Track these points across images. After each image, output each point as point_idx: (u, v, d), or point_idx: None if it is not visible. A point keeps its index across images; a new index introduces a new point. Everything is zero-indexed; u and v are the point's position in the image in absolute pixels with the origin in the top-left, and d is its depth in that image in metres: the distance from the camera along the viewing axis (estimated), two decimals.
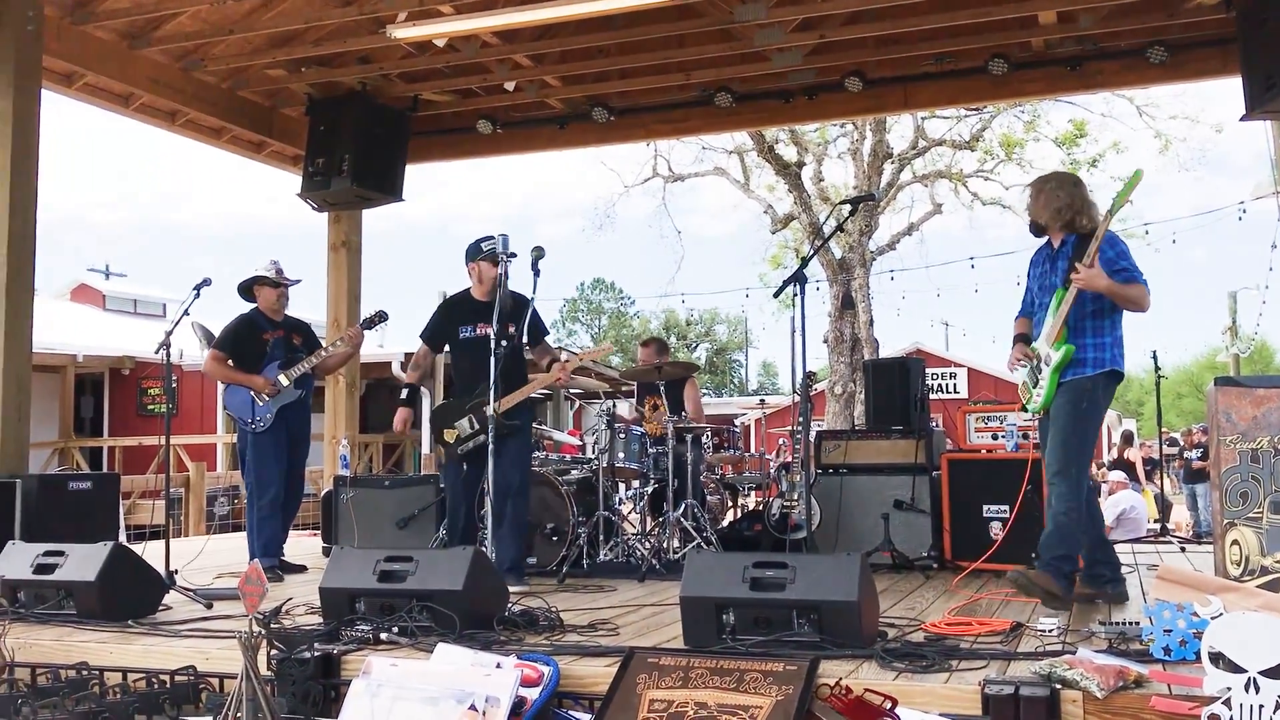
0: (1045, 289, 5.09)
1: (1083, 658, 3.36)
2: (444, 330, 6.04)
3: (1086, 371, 4.88)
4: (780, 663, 3.43)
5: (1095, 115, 20.69)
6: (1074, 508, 4.82)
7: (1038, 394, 4.98)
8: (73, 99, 8.40)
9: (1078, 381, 4.89)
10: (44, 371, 16.98)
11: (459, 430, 5.92)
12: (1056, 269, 5.02)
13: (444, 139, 10.02)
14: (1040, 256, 5.21)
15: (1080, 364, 4.89)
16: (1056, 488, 4.85)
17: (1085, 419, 4.89)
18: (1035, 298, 5.18)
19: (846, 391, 19.08)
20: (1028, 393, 5.08)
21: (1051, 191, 5.08)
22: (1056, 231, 5.08)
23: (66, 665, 4.12)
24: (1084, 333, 4.90)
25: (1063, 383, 4.90)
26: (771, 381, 62.06)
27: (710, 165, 21.83)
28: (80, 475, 8.79)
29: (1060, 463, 4.84)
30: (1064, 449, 4.85)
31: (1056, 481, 4.85)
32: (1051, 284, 5.04)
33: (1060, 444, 4.86)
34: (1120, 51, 8.18)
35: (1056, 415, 4.91)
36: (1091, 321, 4.91)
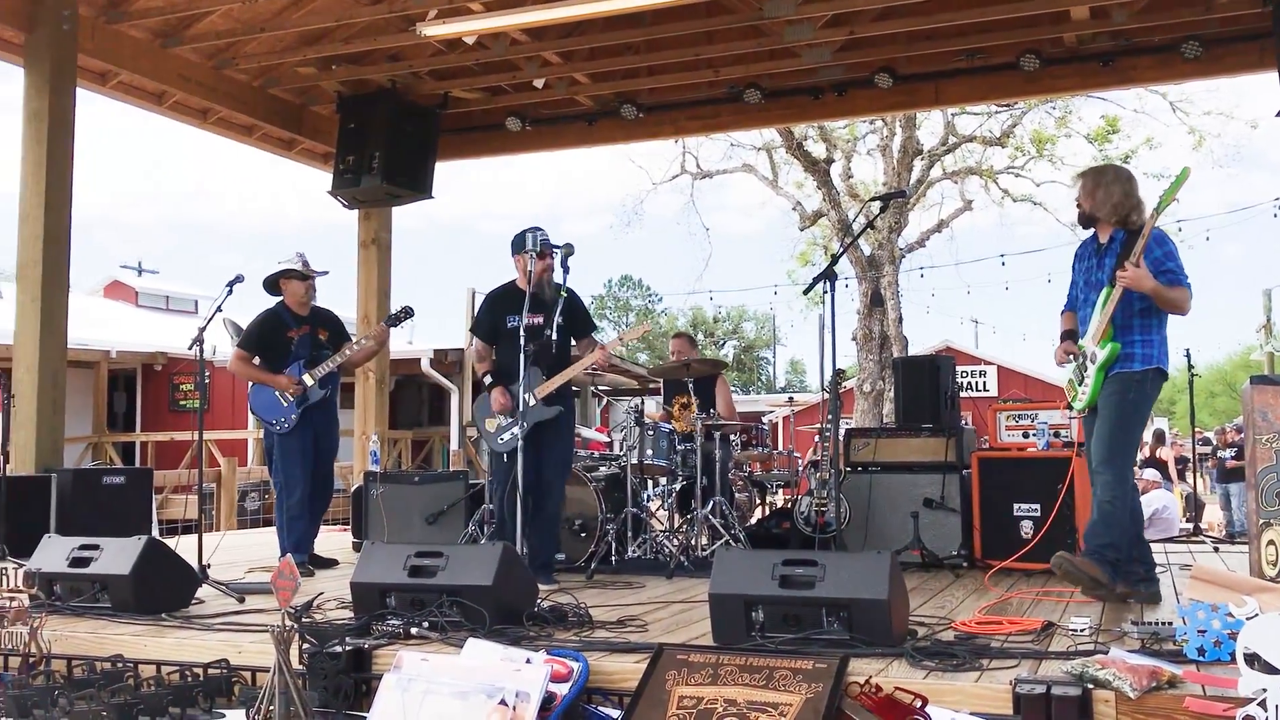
0: (1091, 285, 5.05)
1: (1115, 657, 3.33)
2: (492, 322, 6.01)
3: (1134, 367, 4.85)
4: (810, 660, 3.42)
5: (1128, 111, 20.50)
6: (1119, 496, 4.82)
7: (1083, 392, 4.94)
8: (106, 97, 8.50)
9: (1125, 375, 4.86)
10: (78, 367, 17.15)
11: (498, 421, 5.90)
12: (1104, 265, 4.97)
13: (473, 136, 10.07)
14: (1086, 250, 5.15)
15: (1128, 359, 4.85)
16: (1102, 476, 4.83)
17: (1132, 411, 4.86)
18: (1081, 293, 5.14)
19: (875, 389, 19.00)
20: (1073, 390, 5.05)
21: (1109, 185, 5.01)
22: (1107, 226, 5.02)
23: (102, 657, 4.17)
24: (1132, 330, 4.86)
25: (1110, 377, 4.87)
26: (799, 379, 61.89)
27: (739, 162, 21.79)
28: (114, 470, 8.90)
29: (1106, 452, 4.82)
30: (1110, 440, 4.82)
31: (1102, 470, 4.83)
32: (1098, 280, 4.99)
33: (1107, 434, 4.83)
34: (1154, 47, 8.12)
35: (1104, 406, 4.88)
36: (1140, 319, 4.86)
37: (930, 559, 6.32)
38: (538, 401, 5.76)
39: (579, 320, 5.97)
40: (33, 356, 7.14)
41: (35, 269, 7.18)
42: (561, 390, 5.86)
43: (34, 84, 7.31)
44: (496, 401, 5.85)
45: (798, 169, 20.89)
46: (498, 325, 5.95)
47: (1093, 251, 5.10)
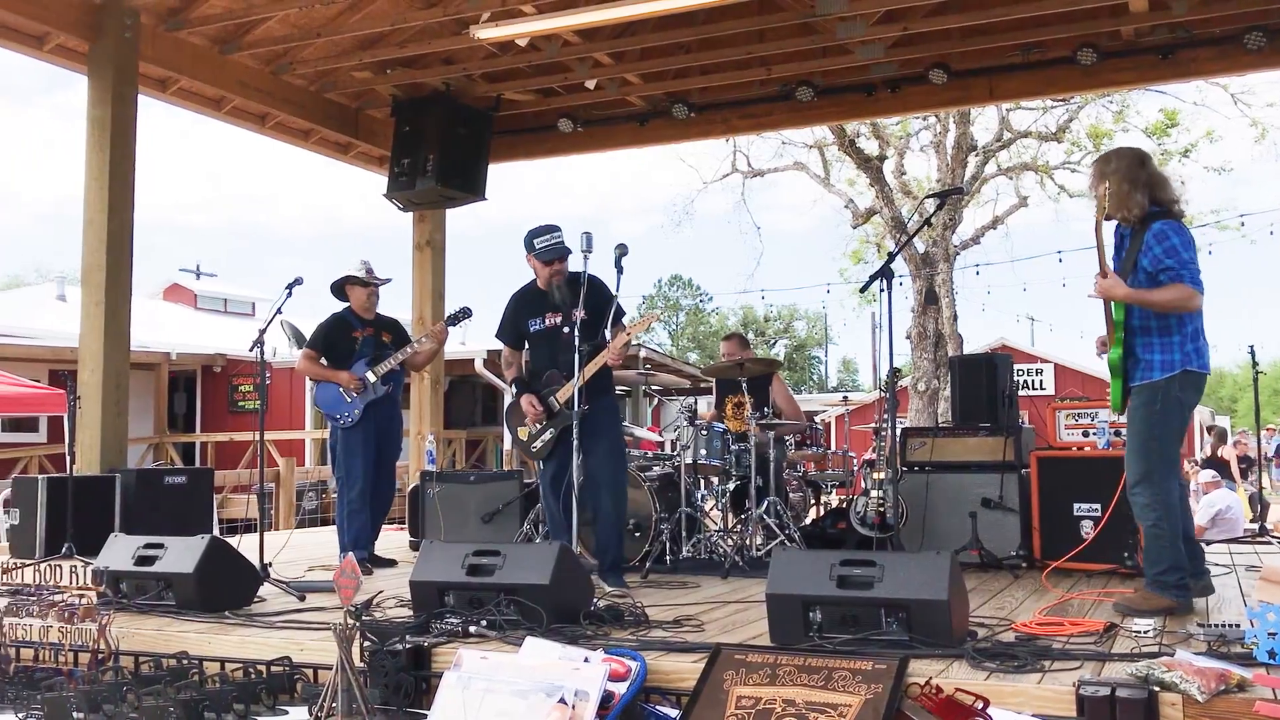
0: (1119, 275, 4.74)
1: (1182, 660, 3.28)
2: (515, 326, 6.00)
3: (1155, 376, 4.57)
4: (869, 661, 3.40)
5: (1187, 104, 20.13)
6: (1162, 516, 4.57)
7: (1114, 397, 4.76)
8: (167, 103, 8.65)
9: (1147, 386, 4.60)
10: (139, 369, 17.47)
11: (530, 429, 5.90)
12: (1118, 259, 4.70)
13: (526, 138, 10.12)
14: (1116, 235, 4.82)
15: (1148, 367, 4.59)
16: (1139, 498, 4.58)
17: (1160, 421, 4.59)
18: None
19: (930, 388, 18.83)
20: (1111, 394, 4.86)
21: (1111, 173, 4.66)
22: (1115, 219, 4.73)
23: (167, 654, 4.25)
24: (1150, 333, 4.60)
25: (1131, 387, 4.64)
26: (851, 378, 61.53)
27: (790, 160, 21.67)
28: (176, 470, 9.06)
29: (1140, 471, 4.58)
30: (1142, 456, 4.58)
31: (1139, 491, 4.58)
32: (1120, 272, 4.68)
33: (1137, 451, 4.60)
34: (1215, 38, 7.97)
35: (1131, 420, 4.65)
36: (1157, 321, 4.58)
37: (988, 559, 6.26)
38: (561, 405, 5.70)
39: (604, 312, 5.74)
40: (97, 359, 7.29)
41: (99, 273, 7.32)
42: (594, 388, 5.68)
43: (97, 91, 7.46)
44: (527, 410, 5.79)
45: (850, 166, 20.75)
46: (521, 329, 5.93)
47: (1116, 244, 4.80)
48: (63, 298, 21.83)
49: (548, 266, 5.76)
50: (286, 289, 5.96)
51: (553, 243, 5.77)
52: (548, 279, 5.77)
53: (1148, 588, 4.61)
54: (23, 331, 17.03)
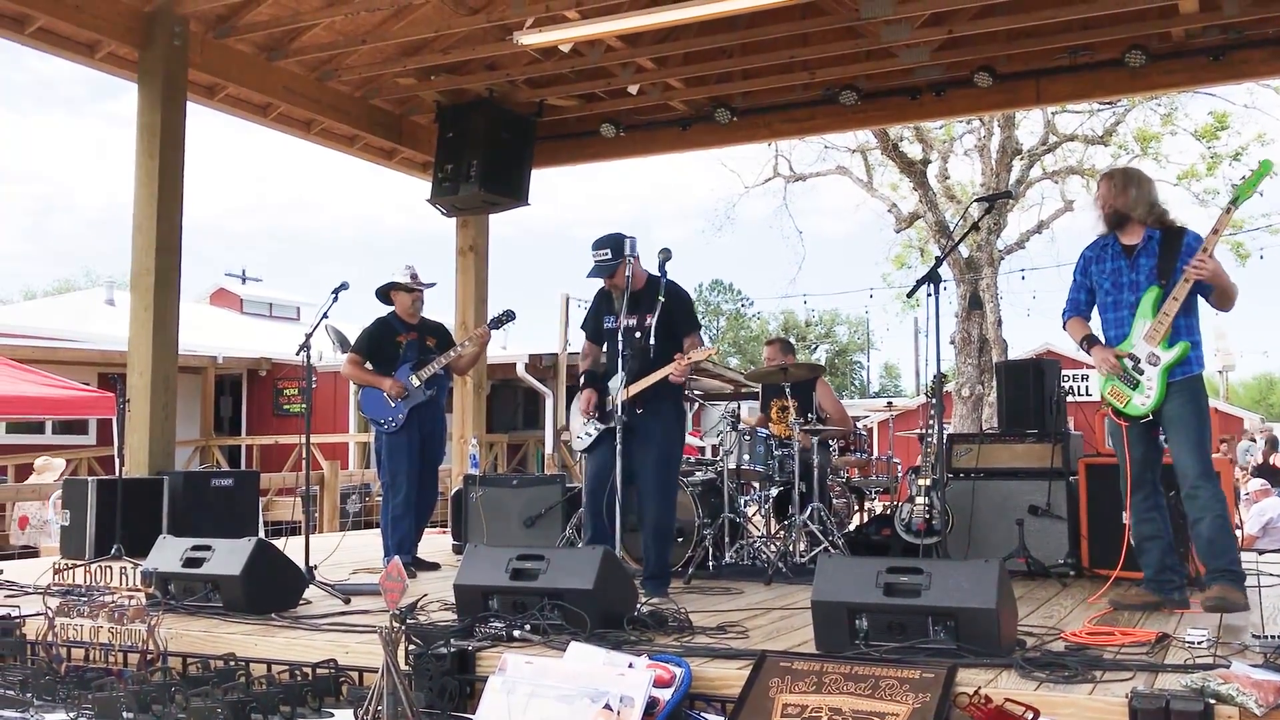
0: (1124, 286, 4.95)
1: (1238, 672, 3.21)
2: (596, 321, 5.91)
3: (1194, 370, 4.84)
4: (917, 669, 3.36)
5: (1237, 106, 19.82)
6: (1226, 506, 4.75)
7: (1143, 397, 4.81)
8: (214, 110, 8.76)
9: (1190, 381, 4.83)
10: (186, 373, 17.68)
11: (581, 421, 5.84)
12: (1138, 266, 4.91)
13: (568, 143, 10.14)
14: (1108, 253, 5.05)
15: (1186, 363, 4.80)
16: (1204, 491, 4.71)
17: (1207, 416, 4.86)
18: (1111, 296, 5.00)
19: (974, 394, 18.66)
20: (1124, 396, 4.88)
21: (1140, 184, 5.00)
22: (1139, 226, 4.96)
23: (215, 656, 4.28)
24: (1180, 332, 4.81)
25: (1173, 383, 4.79)
26: (894, 384, 61.10)
27: (832, 164, 21.56)
28: (222, 473, 9.16)
29: (1201, 466, 4.72)
30: (1201, 451, 4.74)
31: (1203, 484, 4.71)
32: (1133, 281, 4.91)
33: (1194, 447, 4.75)
34: (1267, 39, 7.85)
35: (1180, 418, 4.78)
36: (1185, 320, 4.82)
37: (1036, 567, 6.18)
38: (615, 406, 5.69)
39: (676, 320, 5.70)
40: (146, 362, 7.38)
41: (148, 277, 7.42)
42: (654, 395, 5.65)
43: (147, 98, 7.56)
44: (581, 403, 5.80)
45: (893, 170, 20.62)
46: (599, 325, 5.86)
47: (1117, 253, 5.01)
48: (111, 302, 22.17)
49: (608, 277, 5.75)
50: (332, 294, 6.01)
51: (594, 262, 5.72)
52: (620, 284, 5.72)
53: (1225, 581, 4.64)
54: (73, 335, 17.31)
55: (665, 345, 5.59)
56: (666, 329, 5.63)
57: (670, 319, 5.64)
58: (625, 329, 5.66)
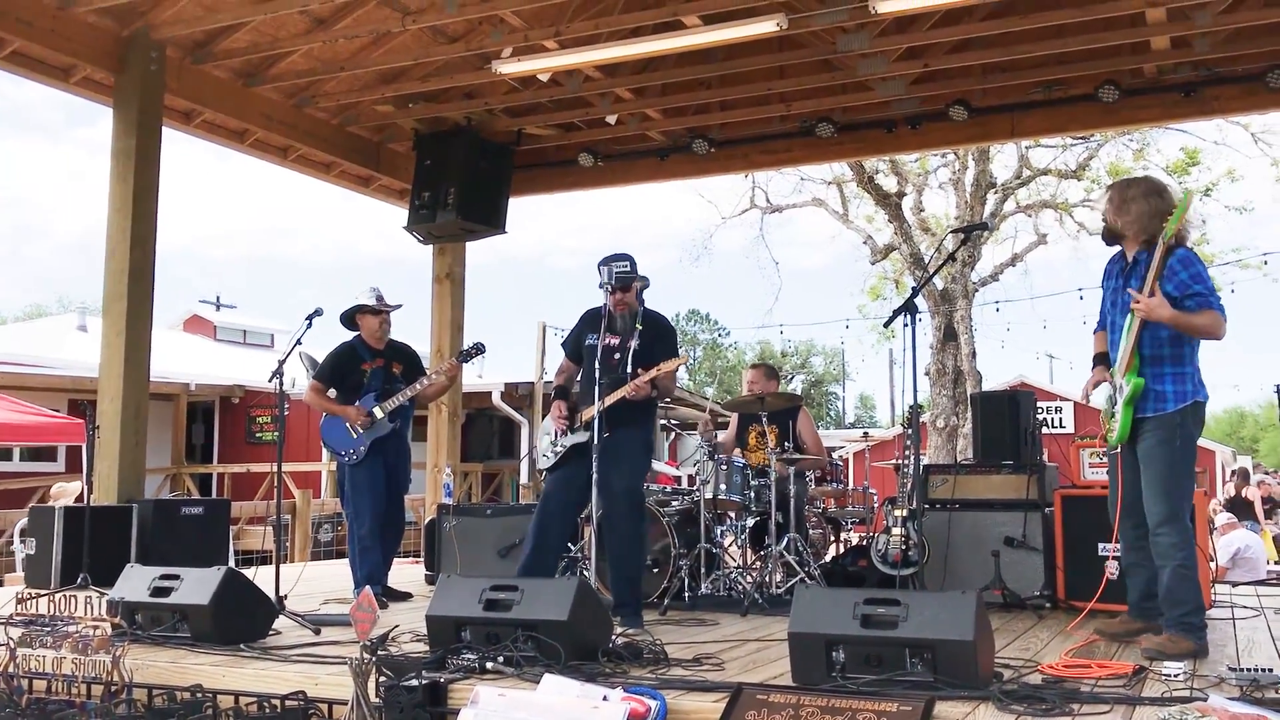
0: (1118, 306, 4.77)
1: (1216, 705, 3.20)
2: (578, 338, 5.90)
3: (1168, 407, 4.56)
4: (894, 702, 3.33)
5: (1208, 143, 20.08)
6: (1189, 555, 4.53)
7: (1113, 428, 4.68)
8: (191, 135, 8.72)
9: (1164, 419, 4.56)
10: (158, 399, 17.51)
11: (550, 437, 5.82)
12: (1130, 285, 4.68)
13: (546, 172, 10.15)
14: (1114, 268, 4.87)
15: (1161, 399, 4.56)
16: (1166, 537, 4.51)
17: (1180, 458, 4.56)
18: (1110, 315, 4.87)
19: (949, 425, 18.72)
20: (1106, 423, 4.78)
21: (1136, 198, 4.72)
22: (1134, 243, 4.74)
23: (182, 687, 4.20)
24: (1162, 362, 4.58)
25: (1143, 419, 4.59)
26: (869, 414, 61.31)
27: (808, 196, 21.69)
28: (192, 501, 9.06)
29: (1165, 511, 4.51)
30: (1167, 494, 4.52)
31: (1166, 531, 4.51)
32: (1124, 302, 4.68)
33: (1162, 490, 4.53)
34: (1237, 76, 7.95)
35: (1149, 458, 4.59)
36: (1170, 349, 4.57)
37: (1012, 599, 6.17)
38: (580, 424, 5.65)
39: (658, 346, 5.75)
40: (116, 389, 7.29)
41: (120, 303, 7.35)
42: (621, 416, 5.59)
43: (122, 123, 7.51)
44: (553, 414, 5.76)
45: (868, 203, 20.75)
46: (580, 343, 5.84)
47: (1120, 270, 4.82)
48: (84, 328, 21.97)
49: (613, 295, 5.76)
50: (306, 320, 5.93)
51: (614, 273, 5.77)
52: (614, 308, 5.76)
53: (1174, 630, 4.52)
54: (43, 361, 17.12)
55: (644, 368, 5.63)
56: (650, 355, 5.66)
57: (653, 346, 5.70)
58: (605, 348, 5.66)
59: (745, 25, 7.19)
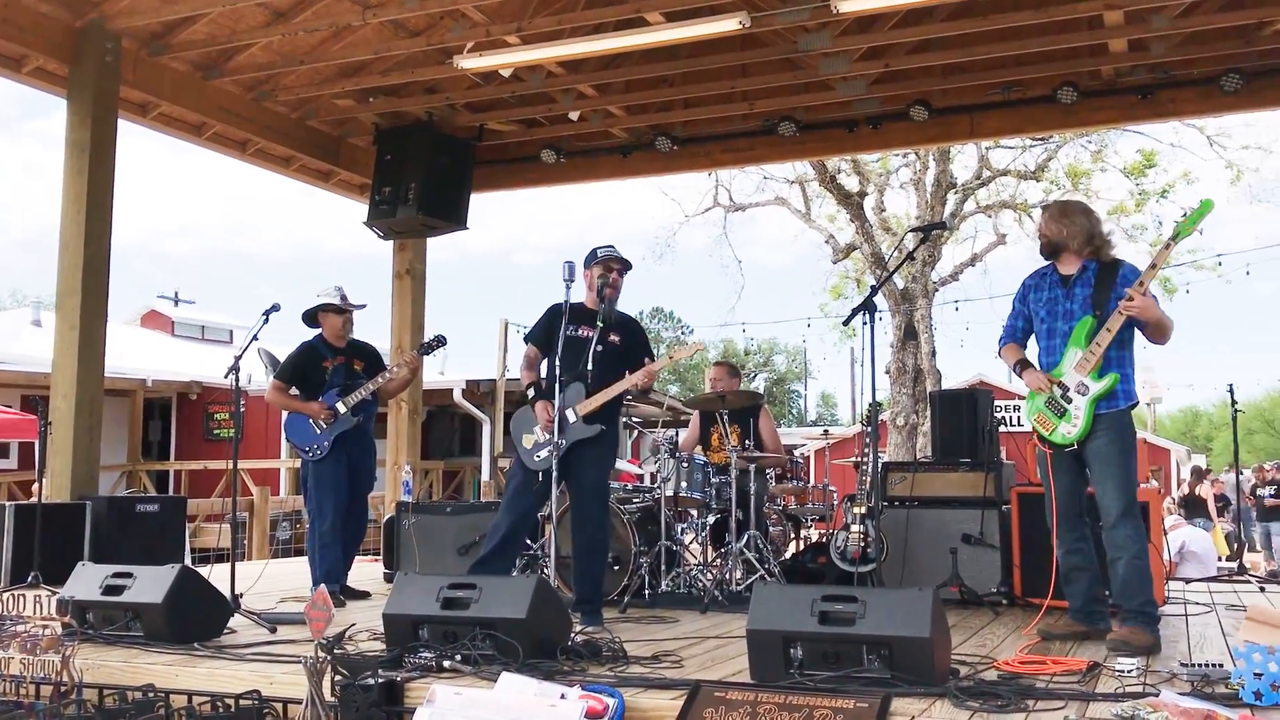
0: (1060, 315, 4.95)
1: (1167, 700, 3.24)
2: (548, 329, 5.77)
3: (1121, 404, 4.79)
4: (851, 699, 3.35)
5: (1164, 145, 20.37)
6: (1143, 547, 4.71)
7: (1069, 426, 4.80)
8: (147, 128, 8.60)
9: (1118, 415, 4.79)
10: (114, 396, 17.30)
11: (536, 437, 5.66)
12: (1074, 296, 4.92)
13: (508, 168, 10.11)
14: (1047, 281, 5.06)
15: (1113, 396, 4.78)
16: (1123, 530, 4.68)
17: (1132, 453, 4.82)
18: (1044, 324, 5.02)
19: (909, 423, 18.85)
20: (1050, 424, 4.87)
21: (1077, 216, 5.02)
22: (1075, 257, 4.97)
23: (133, 687, 4.14)
24: (1110, 365, 4.79)
25: (1100, 415, 4.77)
26: (830, 413, 61.60)
27: (771, 195, 21.79)
28: (148, 498, 8.92)
29: (1124, 503, 4.68)
30: (1125, 489, 4.71)
31: (1123, 524, 4.68)
32: (1068, 310, 4.92)
33: (1120, 484, 4.71)
34: (1193, 79, 8.05)
35: (1106, 454, 4.76)
36: (1117, 352, 4.80)
37: (969, 596, 6.21)
38: (578, 418, 5.61)
39: (637, 343, 5.82)
40: (70, 385, 7.18)
41: (74, 298, 7.24)
42: (605, 412, 5.65)
43: (76, 115, 7.40)
44: (541, 416, 5.58)
45: (830, 202, 20.87)
46: (552, 334, 5.72)
47: (1055, 283, 5.02)
48: (38, 323, 21.65)
49: (608, 273, 5.73)
50: (263, 315, 5.88)
51: (613, 252, 5.81)
52: (599, 290, 5.71)
53: (1134, 623, 4.61)
54: None
55: (624, 368, 5.67)
56: (631, 352, 5.74)
57: (634, 343, 5.79)
58: (590, 340, 5.63)
59: (708, 23, 7.20)
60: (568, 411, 5.61)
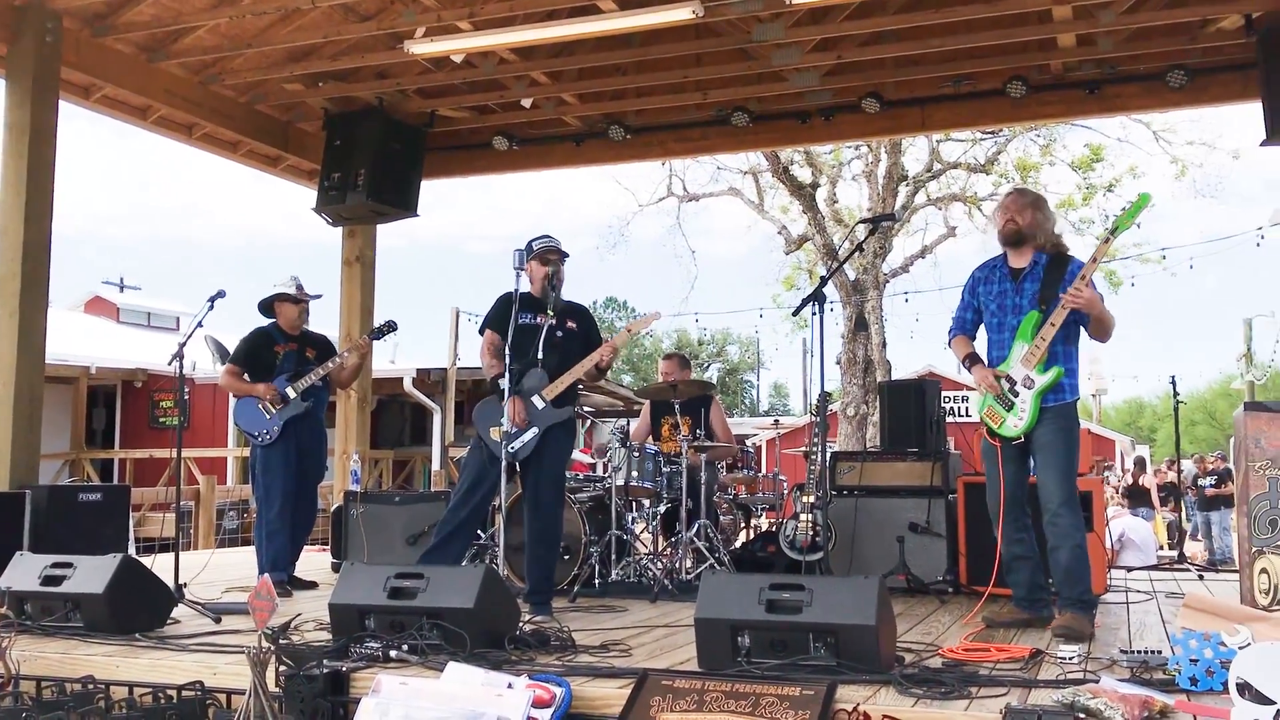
0: (1009, 309, 5.00)
1: (1106, 686, 3.29)
2: (506, 316, 5.67)
3: (1067, 398, 4.87)
4: (797, 687, 3.37)
5: (1111, 140, 20.65)
6: (1084, 535, 4.82)
7: (1016, 419, 4.86)
8: (91, 111, 8.43)
9: (1064, 408, 4.87)
10: (57, 383, 16.99)
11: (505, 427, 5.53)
12: (1023, 290, 4.96)
13: (460, 155, 10.02)
14: (996, 274, 5.10)
15: (1059, 390, 4.84)
16: (1064, 519, 4.76)
17: (1076, 445, 4.90)
18: (994, 317, 5.07)
19: (859, 413, 18.99)
20: (998, 417, 4.93)
21: (1045, 208, 5.06)
22: (1030, 250, 5.00)
23: (72, 679, 4.08)
24: (1056, 359, 4.86)
25: (1046, 408, 4.83)
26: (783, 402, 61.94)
27: (725, 185, 21.81)
28: (90, 487, 8.78)
29: (1065, 493, 4.77)
30: (1066, 479, 4.79)
31: (1064, 513, 4.76)
32: (1016, 304, 4.97)
33: (1062, 474, 4.79)
34: (1140, 75, 8.14)
35: (1050, 445, 4.82)
36: (1064, 347, 4.87)
37: (915, 584, 6.28)
38: (546, 403, 5.61)
39: (592, 329, 5.89)
40: (8, 371, 7.03)
41: (13, 282, 7.08)
42: (565, 398, 5.68)
43: (15, 96, 7.23)
44: (514, 414, 5.50)
45: (783, 193, 20.94)
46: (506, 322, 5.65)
47: (1005, 275, 5.06)
48: None
49: (545, 265, 5.73)
50: (208, 302, 5.84)
51: (550, 243, 5.83)
52: (543, 281, 5.72)
53: (1075, 609, 4.69)
54: None
55: (581, 354, 5.70)
56: (588, 336, 5.81)
57: (590, 327, 5.87)
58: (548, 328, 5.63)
59: (661, 11, 7.17)
60: (534, 399, 5.60)
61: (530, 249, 5.82)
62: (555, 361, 5.63)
